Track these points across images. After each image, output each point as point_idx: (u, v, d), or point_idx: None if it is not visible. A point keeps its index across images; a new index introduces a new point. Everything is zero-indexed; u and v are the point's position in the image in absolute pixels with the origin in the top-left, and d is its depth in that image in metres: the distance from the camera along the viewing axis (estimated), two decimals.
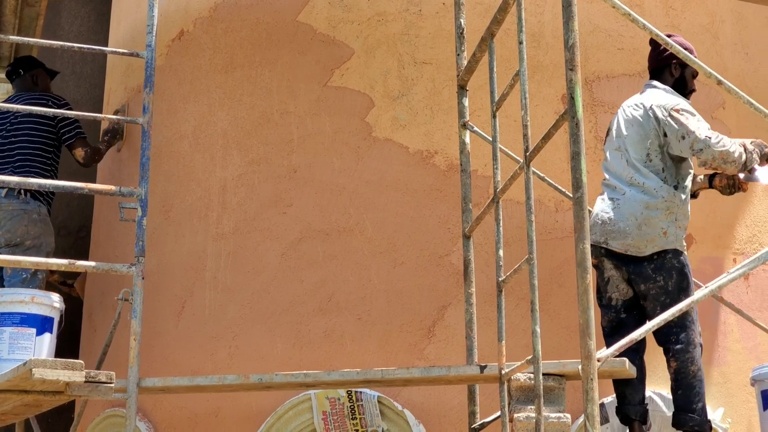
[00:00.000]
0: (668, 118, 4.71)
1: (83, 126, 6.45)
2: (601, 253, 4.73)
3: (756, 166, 4.85)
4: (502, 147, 4.55)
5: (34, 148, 6.07)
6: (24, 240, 5.95)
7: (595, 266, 4.78)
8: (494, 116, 4.19)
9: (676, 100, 4.81)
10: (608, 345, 4.43)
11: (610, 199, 4.75)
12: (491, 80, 4.21)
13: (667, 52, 4.89)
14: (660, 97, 4.85)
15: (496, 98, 4.18)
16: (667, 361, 4.67)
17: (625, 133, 4.82)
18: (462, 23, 4.92)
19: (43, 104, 6.11)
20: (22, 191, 5.98)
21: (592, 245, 4.64)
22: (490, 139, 4.30)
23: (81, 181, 5.46)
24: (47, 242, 6.04)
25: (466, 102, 4.89)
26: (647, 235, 4.65)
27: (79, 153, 6.25)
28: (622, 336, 4.19)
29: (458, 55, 4.91)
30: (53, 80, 7.00)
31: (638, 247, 4.66)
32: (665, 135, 4.72)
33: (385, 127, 5.72)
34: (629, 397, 4.69)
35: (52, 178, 6.13)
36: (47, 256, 5.98)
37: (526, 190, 3.73)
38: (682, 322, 4.59)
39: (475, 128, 4.87)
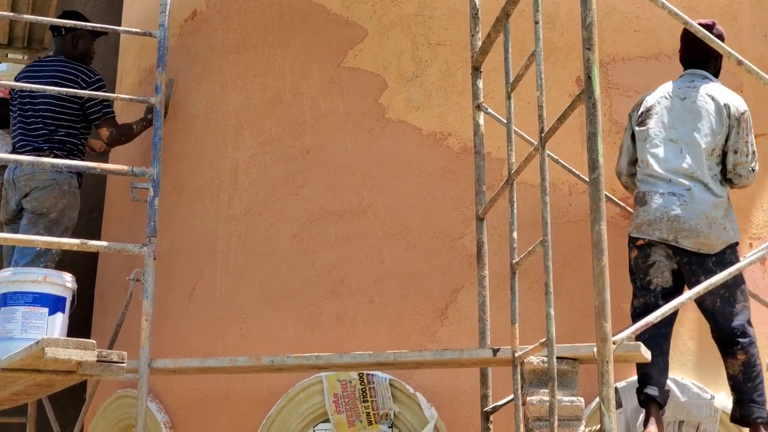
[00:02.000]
0: (737, 123, 4.80)
1: None
2: (663, 246, 4.73)
3: None
4: (517, 129, 4.51)
5: (56, 119, 5.99)
6: (50, 211, 5.87)
7: (638, 247, 4.79)
8: (509, 98, 4.15)
9: (744, 105, 4.89)
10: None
11: (672, 194, 4.75)
12: (506, 61, 4.17)
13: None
14: (729, 95, 4.91)
15: (511, 79, 4.14)
16: (731, 354, 4.72)
17: (686, 125, 4.83)
18: (476, 4, 4.88)
19: (72, 79, 6.02)
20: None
21: (649, 240, 4.66)
22: (505, 120, 4.27)
23: (93, 161, 5.46)
24: (70, 216, 5.97)
25: (480, 83, 4.85)
26: (716, 233, 4.73)
27: (104, 133, 6.13)
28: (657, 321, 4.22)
29: (472, 36, 4.87)
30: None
31: (711, 246, 4.72)
32: (727, 136, 4.81)
33: (398, 109, 5.69)
34: (655, 378, 4.66)
35: (77, 152, 6.06)
36: (67, 230, 5.94)
37: (541, 172, 3.70)
38: (746, 317, 4.71)
39: (490, 110, 4.84)
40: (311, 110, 5.84)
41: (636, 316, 4.78)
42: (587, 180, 3.49)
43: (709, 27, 4.94)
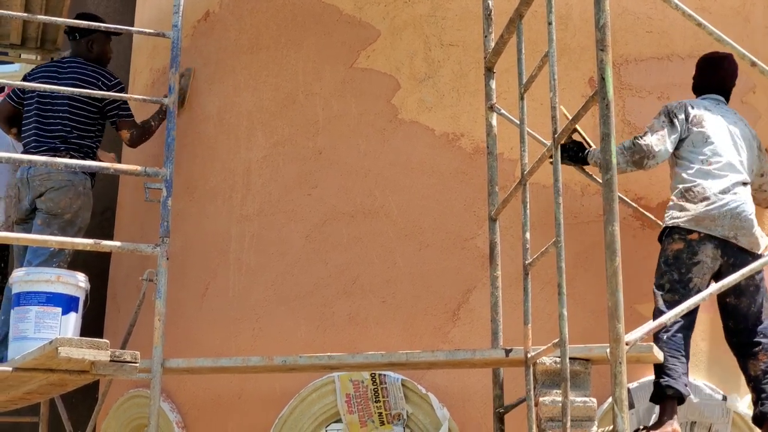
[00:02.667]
0: (761, 150, 5.22)
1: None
2: (717, 241, 4.74)
3: None
4: (529, 130, 4.51)
5: (74, 121, 6.00)
6: (65, 212, 5.86)
7: (687, 241, 4.78)
8: (522, 98, 4.16)
9: None
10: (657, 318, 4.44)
11: (734, 193, 4.83)
12: (519, 62, 4.18)
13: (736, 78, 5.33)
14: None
15: (524, 80, 4.14)
16: (752, 356, 4.75)
17: (740, 142, 5.06)
18: (489, 4, 4.89)
19: (92, 82, 6.03)
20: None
21: (707, 237, 4.68)
22: (517, 121, 4.27)
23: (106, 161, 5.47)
24: (84, 217, 5.98)
25: (493, 84, 4.85)
26: (758, 232, 4.84)
27: (125, 135, 6.13)
28: (687, 318, 4.34)
29: (485, 36, 4.88)
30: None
31: (758, 245, 4.82)
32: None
33: (411, 109, 5.69)
34: (683, 376, 4.61)
35: (92, 155, 6.07)
36: (80, 231, 5.94)
37: (554, 172, 3.70)
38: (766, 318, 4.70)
39: (502, 111, 4.84)
40: (324, 111, 5.85)
41: (667, 307, 4.66)
42: (600, 181, 3.49)
43: (723, 59, 5.13)
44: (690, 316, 4.57)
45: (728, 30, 5.26)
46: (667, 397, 4.64)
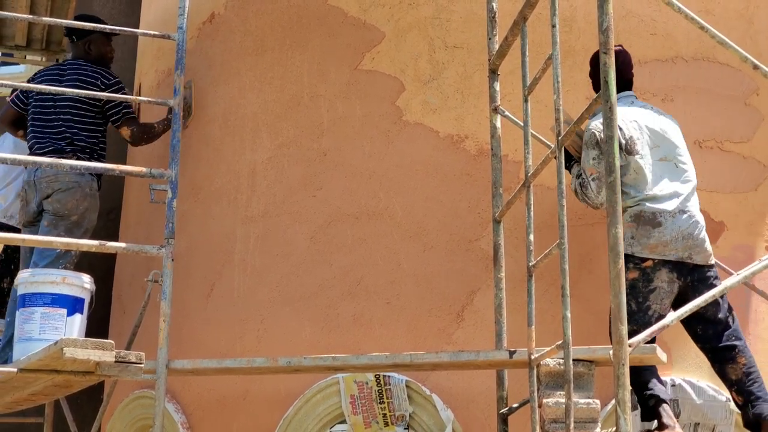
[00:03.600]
0: None
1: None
2: (671, 265, 4.74)
3: None
4: (533, 132, 4.52)
5: (77, 122, 6.02)
6: (72, 214, 5.87)
7: (641, 269, 4.71)
8: (526, 100, 4.17)
9: None
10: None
11: (682, 212, 4.77)
12: (523, 64, 4.19)
13: None
14: None
15: (528, 82, 4.15)
16: (731, 360, 4.73)
17: (665, 141, 4.91)
18: (494, 7, 4.90)
19: (92, 82, 6.05)
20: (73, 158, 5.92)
21: (661, 262, 4.67)
22: (521, 123, 4.28)
23: (111, 163, 5.49)
24: (90, 219, 5.99)
25: (497, 86, 4.86)
26: (708, 243, 4.82)
27: (125, 132, 6.13)
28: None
29: (490, 39, 4.89)
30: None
31: (711, 256, 4.81)
32: None
33: (415, 111, 5.70)
34: (657, 381, 4.64)
35: (98, 156, 6.09)
36: (86, 232, 5.96)
37: (558, 174, 3.71)
38: (737, 320, 4.70)
39: (507, 113, 4.85)
40: (329, 113, 5.86)
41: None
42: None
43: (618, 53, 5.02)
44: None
45: (732, 32, 5.28)
46: (653, 406, 4.67)
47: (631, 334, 4.65)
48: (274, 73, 6.09)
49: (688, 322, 4.75)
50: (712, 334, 4.76)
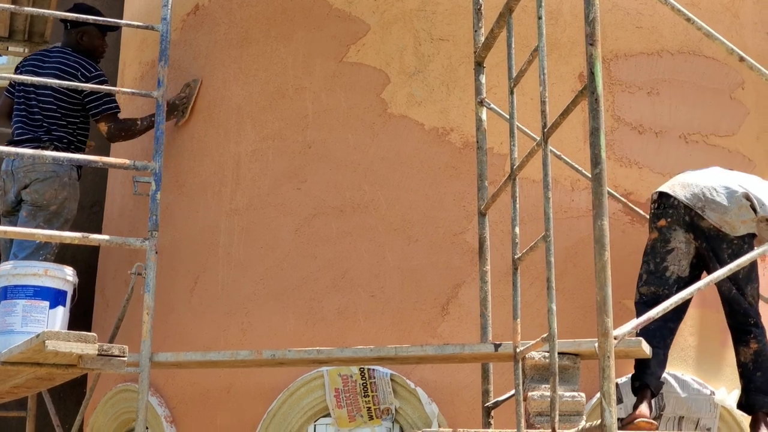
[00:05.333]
0: None
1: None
2: (684, 221, 4.74)
3: None
4: (519, 125, 4.51)
5: (56, 112, 5.98)
6: (50, 204, 5.84)
7: (659, 228, 4.79)
8: (511, 93, 4.15)
9: None
10: (640, 314, 4.42)
11: (715, 174, 4.84)
12: (509, 57, 4.17)
13: None
14: None
15: (514, 75, 4.14)
16: (744, 342, 4.75)
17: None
18: None
19: (72, 72, 6.00)
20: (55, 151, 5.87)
21: (674, 205, 4.68)
22: (507, 116, 4.26)
23: (94, 155, 5.45)
24: (70, 208, 5.95)
25: (482, 79, 4.84)
26: (743, 217, 4.74)
27: (102, 128, 6.05)
28: (673, 309, 4.24)
29: (475, 31, 4.87)
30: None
31: (733, 226, 4.73)
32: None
33: (400, 104, 5.69)
34: (653, 369, 4.67)
35: (77, 145, 6.05)
36: (66, 222, 5.92)
37: (544, 167, 3.69)
38: (757, 306, 4.70)
39: (492, 105, 4.83)
40: (313, 105, 5.84)
41: (643, 304, 4.75)
42: (590, 176, 3.49)
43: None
44: (676, 307, 4.54)
45: (717, 25, 5.28)
46: (637, 390, 4.72)
47: (650, 295, 4.73)
48: (258, 65, 6.06)
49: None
50: (728, 312, 4.80)
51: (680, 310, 4.62)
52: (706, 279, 4.23)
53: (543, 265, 3.66)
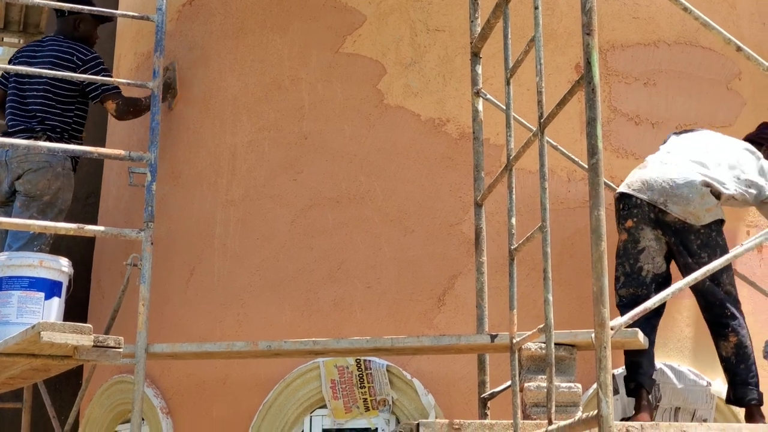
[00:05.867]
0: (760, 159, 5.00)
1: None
2: (649, 218, 4.72)
3: None
4: (515, 115, 4.50)
5: (50, 101, 5.97)
6: (43, 194, 5.83)
7: (627, 229, 4.78)
8: (508, 83, 4.13)
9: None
10: (622, 314, 4.41)
11: (673, 164, 4.79)
12: (505, 47, 4.15)
13: None
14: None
15: (510, 65, 4.12)
16: (723, 336, 4.72)
17: (720, 146, 5.00)
18: None
19: (67, 59, 5.99)
20: (48, 141, 5.86)
21: (638, 204, 4.66)
22: (504, 107, 4.25)
23: (89, 146, 5.43)
24: (64, 198, 5.94)
25: (479, 69, 4.83)
26: (706, 205, 4.71)
27: (111, 106, 6.02)
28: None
29: (472, 21, 4.85)
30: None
31: (698, 216, 4.72)
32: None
33: (396, 95, 5.68)
34: (645, 368, 4.68)
35: (71, 135, 6.03)
36: (60, 213, 5.91)
37: (540, 157, 3.68)
38: (736, 297, 4.69)
39: (488, 96, 4.82)
40: (309, 96, 5.82)
41: (623, 306, 4.74)
42: (586, 166, 3.48)
43: None
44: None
45: (714, 16, 5.25)
46: (633, 391, 4.73)
47: (629, 297, 4.72)
48: (254, 55, 6.05)
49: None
50: (703, 305, 4.78)
51: (661, 306, 4.61)
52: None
53: (539, 256, 3.65)
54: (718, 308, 4.69)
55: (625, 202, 4.84)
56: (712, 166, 4.82)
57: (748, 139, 5.26)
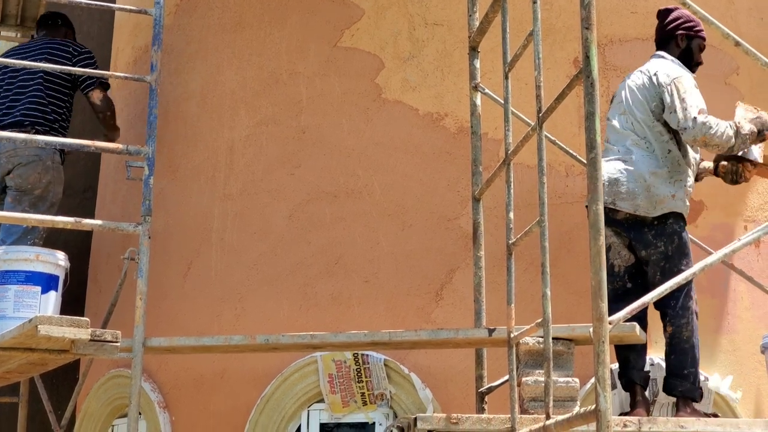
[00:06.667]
0: (669, 86, 4.76)
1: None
2: (608, 227, 4.71)
3: (750, 147, 4.89)
4: (514, 110, 4.49)
5: (44, 94, 5.98)
6: (34, 188, 5.85)
7: None
8: (506, 78, 4.13)
9: (679, 71, 4.86)
10: (611, 312, 4.40)
11: (617, 159, 4.77)
12: (504, 41, 4.15)
13: (673, 24, 4.95)
14: (665, 65, 4.90)
15: (509, 59, 4.12)
16: (663, 326, 4.73)
17: (630, 98, 4.88)
18: None
19: (60, 54, 6.03)
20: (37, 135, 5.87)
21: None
22: (502, 101, 4.25)
23: (87, 140, 5.42)
24: (55, 192, 5.96)
25: (477, 64, 4.83)
26: (655, 197, 4.71)
27: (98, 95, 6.09)
28: (628, 304, 4.15)
29: (470, 16, 4.85)
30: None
31: (647, 209, 4.70)
32: (662, 102, 4.77)
33: (394, 89, 5.67)
34: (633, 362, 4.71)
35: (55, 130, 6.04)
36: (52, 206, 5.92)
37: (539, 152, 3.68)
38: (681, 288, 4.58)
39: (487, 90, 4.82)
40: (307, 90, 5.82)
41: (610, 301, 4.73)
42: (584, 161, 3.48)
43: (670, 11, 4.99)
44: (636, 299, 4.48)
45: (712, 11, 5.23)
46: (626, 386, 4.75)
47: (609, 292, 4.69)
48: (252, 49, 6.04)
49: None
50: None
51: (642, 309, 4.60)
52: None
53: (537, 251, 3.64)
54: (661, 299, 4.66)
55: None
56: (616, 141, 4.86)
57: (660, 39, 5.14)
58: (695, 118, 4.65)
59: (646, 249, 4.72)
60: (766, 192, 5.85)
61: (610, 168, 4.76)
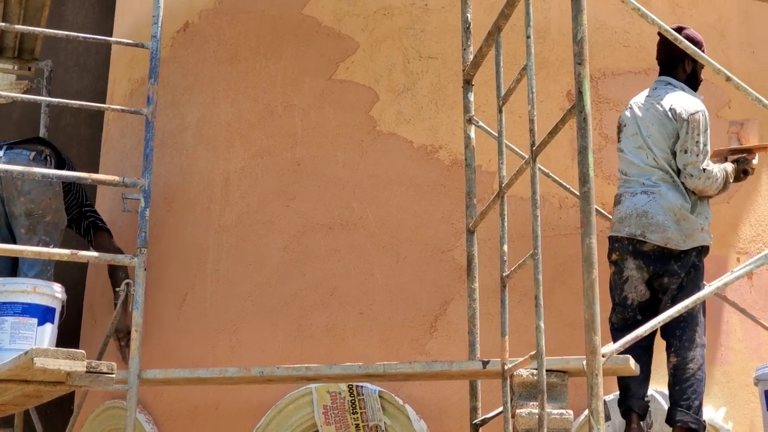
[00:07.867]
0: (686, 122, 4.79)
1: (89, 116, 6.25)
2: (628, 250, 4.75)
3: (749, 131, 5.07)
4: (508, 142, 4.53)
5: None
6: (45, 213, 5.79)
7: (614, 263, 4.82)
8: (500, 111, 4.17)
9: (696, 106, 4.87)
10: (616, 340, 4.43)
11: (644, 193, 4.79)
12: (497, 75, 4.19)
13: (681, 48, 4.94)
14: (681, 99, 4.91)
15: (503, 93, 4.16)
16: (668, 356, 4.73)
17: (647, 131, 4.88)
18: (468, 17, 4.90)
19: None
20: (48, 158, 5.80)
21: (618, 239, 4.70)
22: (496, 134, 4.28)
23: (83, 172, 5.44)
24: (62, 218, 5.93)
25: (471, 97, 4.87)
26: (686, 230, 4.75)
27: (104, 237, 6.20)
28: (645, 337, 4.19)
29: (464, 49, 4.89)
30: (55, 73, 6.73)
31: (677, 242, 4.73)
32: (678, 136, 4.80)
33: (389, 121, 5.70)
34: (633, 390, 4.71)
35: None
36: (61, 234, 5.90)
37: (532, 185, 3.71)
38: (688, 320, 4.66)
39: (481, 123, 4.85)
40: (302, 122, 5.85)
41: (615, 330, 4.82)
42: (578, 194, 3.51)
43: (678, 30, 4.98)
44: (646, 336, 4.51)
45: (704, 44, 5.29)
46: (624, 414, 4.75)
47: (620, 322, 4.75)
48: (247, 82, 6.08)
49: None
50: (663, 325, 4.77)
51: (650, 337, 4.63)
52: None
53: (531, 283, 3.67)
54: (669, 329, 4.70)
55: (610, 239, 4.89)
56: (639, 175, 4.87)
57: (665, 61, 5.13)
58: (704, 169, 4.74)
59: (669, 278, 4.75)
60: (758, 224, 5.88)
61: (637, 201, 4.79)
